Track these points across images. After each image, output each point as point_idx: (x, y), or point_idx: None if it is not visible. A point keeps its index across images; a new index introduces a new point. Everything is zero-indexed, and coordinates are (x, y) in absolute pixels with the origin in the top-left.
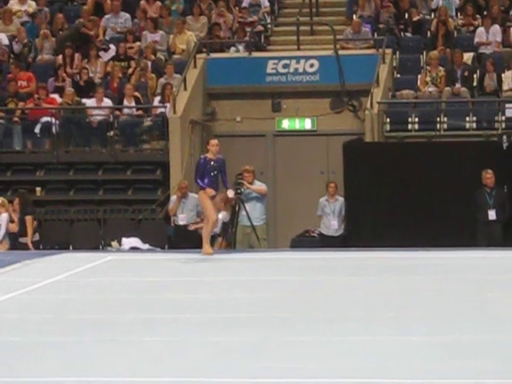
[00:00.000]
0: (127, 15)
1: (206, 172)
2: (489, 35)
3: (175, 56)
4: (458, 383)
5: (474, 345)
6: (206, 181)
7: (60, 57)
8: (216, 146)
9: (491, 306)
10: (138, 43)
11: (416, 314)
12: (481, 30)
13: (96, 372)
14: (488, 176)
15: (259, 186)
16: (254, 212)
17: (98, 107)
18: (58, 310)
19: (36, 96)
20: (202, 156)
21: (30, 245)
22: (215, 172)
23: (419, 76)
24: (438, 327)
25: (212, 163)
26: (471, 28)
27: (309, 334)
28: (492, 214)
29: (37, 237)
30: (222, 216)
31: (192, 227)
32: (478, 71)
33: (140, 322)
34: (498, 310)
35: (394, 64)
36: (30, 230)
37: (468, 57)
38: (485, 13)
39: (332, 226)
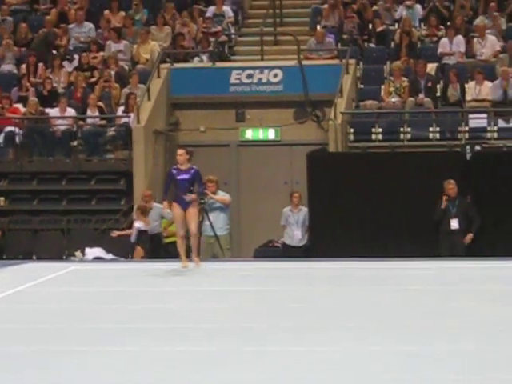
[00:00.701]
0: (91, 25)
1: (174, 183)
2: (452, 46)
3: (139, 66)
4: None
5: (433, 355)
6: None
7: (23, 66)
8: (179, 156)
9: (452, 317)
10: (101, 53)
11: (377, 325)
12: (444, 40)
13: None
14: (450, 186)
15: (223, 196)
16: (217, 222)
17: (61, 117)
18: (21, 319)
19: None
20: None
21: None
22: (185, 183)
23: (383, 86)
24: (396, 337)
25: (180, 174)
26: (435, 38)
27: (272, 344)
28: (454, 224)
29: None
30: (139, 224)
31: (114, 234)
32: (441, 82)
33: (102, 332)
34: (459, 321)
35: (358, 74)
36: None
37: (431, 67)
38: (448, 23)
39: (295, 236)
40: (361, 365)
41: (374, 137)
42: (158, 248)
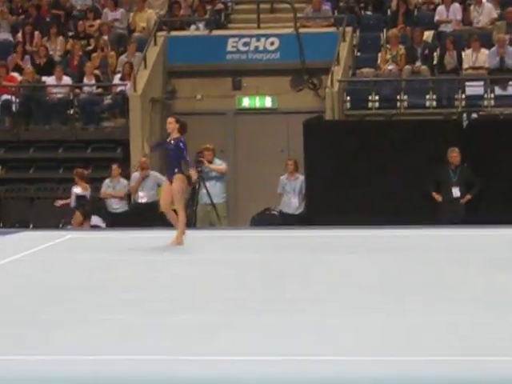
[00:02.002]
0: None
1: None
2: (449, 13)
3: (135, 34)
4: (412, 360)
5: (433, 324)
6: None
7: (19, 34)
8: (168, 124)
9: (451, 286)
10: (98, 21)
11: (376, 293)
12: (441, 8)
13: (50, 351)
14: (454, 154)
15: (219, 164)
16: (214, 190)
17: (57, 85)
18: (16, 288)
19: None
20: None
21: None
22: (170, 153)
23: (379, 54)
24: (397, 306)
25: (169, 144)
26: (431, 6)
27: (268, 315)
28: (456, 191)
29: None
30: (76, 190)
31: (58, 204)
32: (438, 49)
33: (97, 301)
34: (458, 291)
35: (354, 42)
36: None
37: (428, 35)
38: None
39: (292, 204)
40: (357, 335)
41: (370, 105)
42: (154, 217)
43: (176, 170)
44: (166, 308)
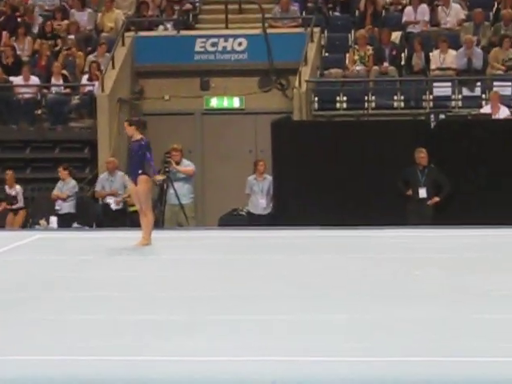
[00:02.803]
0: None
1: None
2: (417, 14)
3: (103, 34)
4: (382, 361)
5: (397, 323)
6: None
7: None
8: (125, 130)
9: (416, 285)
10: (65, 21)
11: (341, 293)
12: (409, 9)
13: (21, 351)
14: (422, 155)
15: (187, 165)
16: (181, 190)
17: (25, 85)
18: None
19: None
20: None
21: None
22: (132, 153)
23: (347, 55)
24: (360, 306)
25: (132, 145)
26: (399, 7)
27: (233, 313)
28: (423, 192)
29: None
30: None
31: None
32: (405, 50)
33: (63, 300)
34: (422, 289)
35: (323, 43)
36: None
37: (396, 36)
38: None
39: (260, 204)
40: (320, 334)
41: (338, 105)
42: (121, 217)
43: (140, 172)
44: (130, 306)
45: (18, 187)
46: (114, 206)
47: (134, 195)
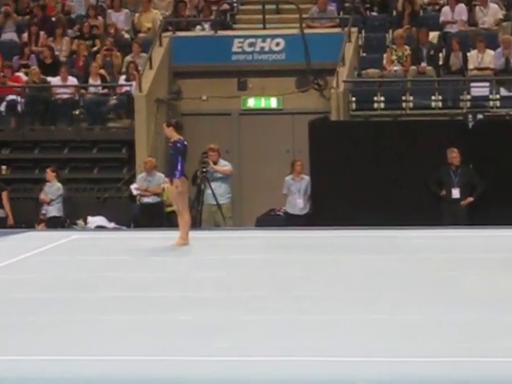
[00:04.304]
0: None
1: None
2: (454, 14)
3: (141, 34)
4: (417, 361)
5: (435, 324)
6: None
7: (25, 35)
8: (164, 132)
9: (452, 286)
10: (103, 21)
11: (380, 294)
12: (446, 8)
13: (50, 352)
14: (454, 155)
15: (224, 165)
16: (219, 190)
17: (63, 86)
18: (20, 289)
19: (1, 74)
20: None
21: (11, 217)
22: (170, 153)
23: (385, 55)
24: (399, 307)
25: (169, 147)
26: (437, 7)
27: (274, 313)
28: (456, 193)
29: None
30: None
31: None
32: (443, 50)
33: (102, 300)
34: (459, 290)
35: (360, 43)
36: (8, 205)
37: (434, 35)
38: None
39: (297, 204)
40: (357, 333)
41: (375, 105)
42: (158, 218)
43: (176, 173)
44: (167, 307)
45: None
46: (134, 192)
47: (171, 195)
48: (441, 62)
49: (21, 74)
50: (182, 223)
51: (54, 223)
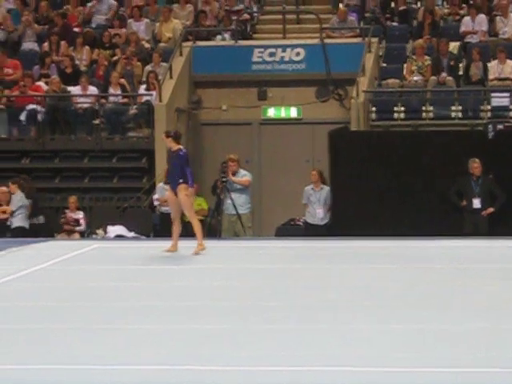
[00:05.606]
0: (111, 2)
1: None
2: (475, 24)
3: (161, 44)
4: (436, 372)
5: (453, 334)
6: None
7: (46, 44)
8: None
9: (472, 295)
10: (123, 30)
11: (398, 303)
12: (466, 19)
13: (76, 360)
14: (475, 165)
15: (244, 175)
16: (239, 200)
17: (83, 95)
18: (41, 297)
19: (21, 84)
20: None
21: None
22: (172, 163)
23: (405, 65)
24: (416, 316)
25: (171, 156)
26: (457, 17)
27: (292, 322)
28: (477, 203)
29: (41, 219)
30: None
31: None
32: (463, 60)
33: (123, 309)
34: (479, 299)
35: (380, 53)
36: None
37: (454, 46)
38: (470, 2)
39: (317, 214)
40: (374, 343)
41: (396, 115)
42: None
43: (181, 181)
44: (182, 316)
45: (81, 213)
46: (156, 202)
47: (171, 205)
48: (461, 73)
49: (41, 84)
50: (196, 228)
51: (20, 234)
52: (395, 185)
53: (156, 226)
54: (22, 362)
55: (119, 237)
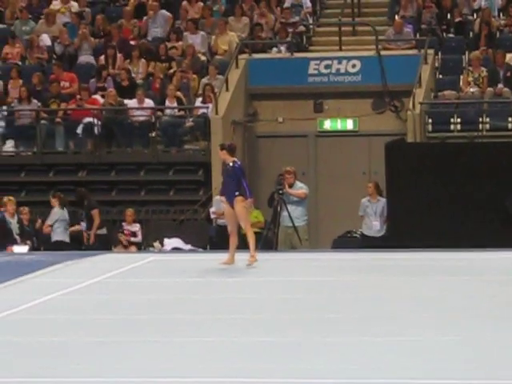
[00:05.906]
0: (167, 15)
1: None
2: None
3: (217, 57)
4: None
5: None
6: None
7: (102, 57)
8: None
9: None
10: (180, 43)
11: (454, 315)
12: None
13: (135, 373)
14: None
15: (300, 187)
16: (295, 213)
17: (140, 108)
18: (99, 310)
19: (78, 97)
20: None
21: (93, 237)
22: (228, 176)
23: (461, 76)
24: (470, 329)
25: (226, 169)
26: None
27: (351, 335)
28: None
29: (104, 230)
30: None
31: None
32: None
33: (181, 322)
34: None
35: (436, 64)
36: (96, 222)
37: (510, 57)
38: None
39: (374, 226)
40: (424, 354)
41: (452, 127)
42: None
43: (237, 193)
44: (240, 329)
45: (137, 225)
46: (212, 215)
47: (228, 218)
48: None
49: (97, 97)
50: (251, 240)
51: (60, 247)
52: (452, 196)
53: (212, 238)
54: (79, 375)
55: (176, 249)
